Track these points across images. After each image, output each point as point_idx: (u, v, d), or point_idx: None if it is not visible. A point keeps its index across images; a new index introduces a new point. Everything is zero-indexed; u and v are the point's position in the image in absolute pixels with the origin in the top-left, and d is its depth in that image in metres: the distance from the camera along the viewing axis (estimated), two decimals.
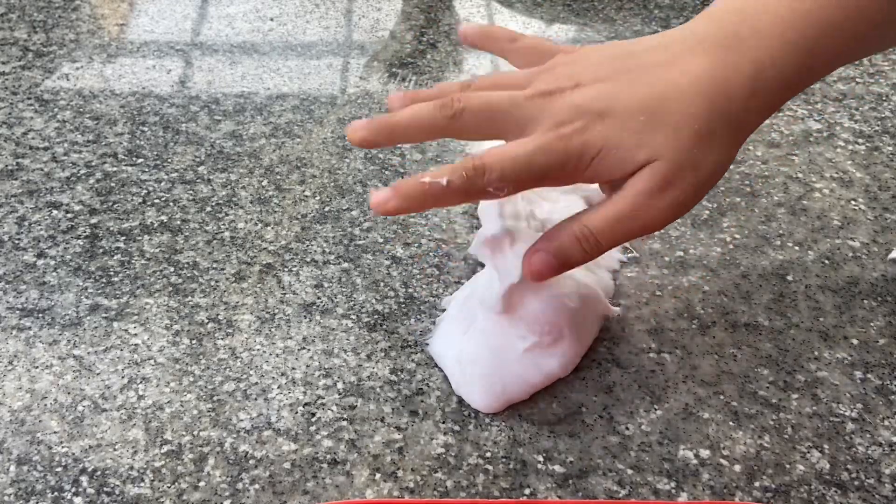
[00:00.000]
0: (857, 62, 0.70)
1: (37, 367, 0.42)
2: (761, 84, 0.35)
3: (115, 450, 0.38)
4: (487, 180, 0.34)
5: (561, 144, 0.35)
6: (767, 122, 0.62)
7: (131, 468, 0.37)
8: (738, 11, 0.36)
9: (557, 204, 0.47)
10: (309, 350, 0.43)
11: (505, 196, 0.36)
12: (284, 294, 0.46)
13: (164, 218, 0.52)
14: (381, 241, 0.50)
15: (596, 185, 0.41)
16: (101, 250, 0.49)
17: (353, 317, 0.45)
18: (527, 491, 0.37)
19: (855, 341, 0.44)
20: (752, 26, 0.36)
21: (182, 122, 0.61)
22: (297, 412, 0.40)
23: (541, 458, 0.38)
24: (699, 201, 0.36)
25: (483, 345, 0.41)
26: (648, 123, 0.35)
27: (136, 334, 0.44)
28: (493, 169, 0.35)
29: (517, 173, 0.35)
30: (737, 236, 0.51)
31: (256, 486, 0.36)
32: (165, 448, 0.38)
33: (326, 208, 0.53)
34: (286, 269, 0.48)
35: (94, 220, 0.52)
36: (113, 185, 0.55)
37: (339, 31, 0.75)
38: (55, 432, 0.39)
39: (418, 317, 0.45)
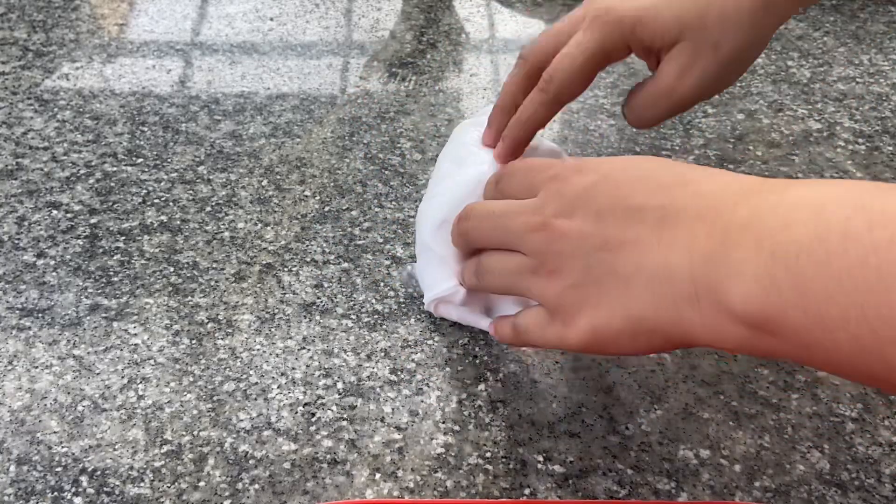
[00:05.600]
0: (856, 62, 0.70)
1: (37, 367, 0.42)
2: None
3: (115, 450, 0.38)
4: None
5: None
6: (767, 121, 0.62)
7: (131, 468, 0.37)
8: None
9: None
10: (309, 350, 0.43)
11: None
12: (284, 294, 0.46)
13: (163, 218, 0.52)
14: (381, 241, 0.50)
15: None
16: (100, 250, 0.49)
17: (353, 317, 0.45)
18: (527, 491, 0.37)
19: None
20: None
21: (182, 122, 0.61)
22: (297, 412, 0.40)
23: (541, 458, 0.38)
24: (729, 82, 0.42)
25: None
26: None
27: (136, 334, 0.44)
28: None
29: None
30: None
31: (256, 486, 0.36)
32: (165, 448, 0.38)
33: (326, 208, 0.53)
34: (286, 269, 0.48)
35: (93, 220, 0.52)
36: (113, 185, 0.55)
37: (339, 31, 0.75)
38: (55, 432, 0.39)
39: (418, 317, 0.45)
